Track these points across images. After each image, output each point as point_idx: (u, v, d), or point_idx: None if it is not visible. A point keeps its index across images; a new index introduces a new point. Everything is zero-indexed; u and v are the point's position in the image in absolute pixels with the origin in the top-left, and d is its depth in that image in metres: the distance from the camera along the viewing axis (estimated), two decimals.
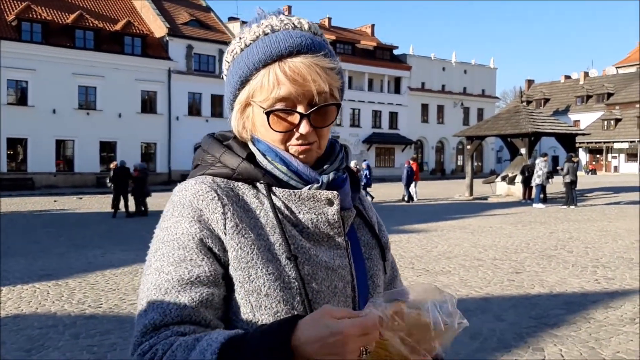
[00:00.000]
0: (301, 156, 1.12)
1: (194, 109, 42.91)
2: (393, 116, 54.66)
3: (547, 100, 71.90)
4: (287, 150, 1.12)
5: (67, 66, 36.82)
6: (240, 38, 1.15)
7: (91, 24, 38.76)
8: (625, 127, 59.00)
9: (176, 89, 41.42)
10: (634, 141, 57.32)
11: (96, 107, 38.59)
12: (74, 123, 37.21)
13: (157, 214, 1.16)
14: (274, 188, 1.11)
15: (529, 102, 62.34)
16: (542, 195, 20.76)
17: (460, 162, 58.78)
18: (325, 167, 1.16)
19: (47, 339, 5.62)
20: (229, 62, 1.16)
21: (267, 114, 1.09)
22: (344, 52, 51.94)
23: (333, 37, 51.58)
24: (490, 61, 63.07)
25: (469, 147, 27.42)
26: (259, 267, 1.03)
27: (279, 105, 1.08)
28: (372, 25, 61.33)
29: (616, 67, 73.59)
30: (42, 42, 36.38)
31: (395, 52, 56.70)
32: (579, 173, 22.06)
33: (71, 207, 22.95)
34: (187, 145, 41.94)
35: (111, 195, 19.56)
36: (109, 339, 5.60)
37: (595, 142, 58.73)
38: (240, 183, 1.12)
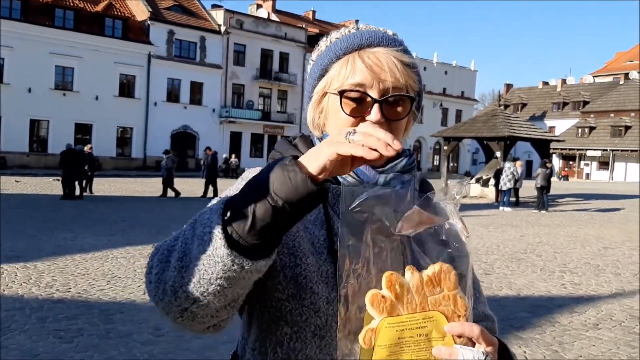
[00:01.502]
0: None
1: (172, 95, 42.53)
2: None
3: (524, 105, 72.82)
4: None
5: (45, 45, 36.18)
6: (327, 37, 1.18)
7: (72, 4, 38.15)
8: (598, 136, 60.13)
9: (155, 74, 40.99)
10: (606, 150, 58.44)
11: (73, 88, 38.02)
12: (49, 103, 36.60)
13: (100, 199, 1.15)
14: (328, 184, 1.09)
15: (506, 106, 63.03)
16: (512, 199, 21.07)
17: (436, 162, 59.27)
18: (387, 167, 1.13)
19: (13, 321, 5.55)
20: (313, 60, 1.20)
21: (341, 93, 1.09)
22: None
23: (316, 31, 51.43)
24: (471, 63, 63.63)
25: (445, 147, 27.68)
26: (299, 256, 1.04)
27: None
28: (356, 21, 60.89)
29: (593, 76, 74.84)
30: (21, 19, 35.70)
31: None
32: (552, 179, 22.40)
33: (24, 189, 22.56)
34: (164, 131, 41.62)
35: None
36: (76, 323, 5.55)
37: (569, 149, 59.74)
38: None
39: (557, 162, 62.03)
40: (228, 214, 0.87)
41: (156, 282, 0.92)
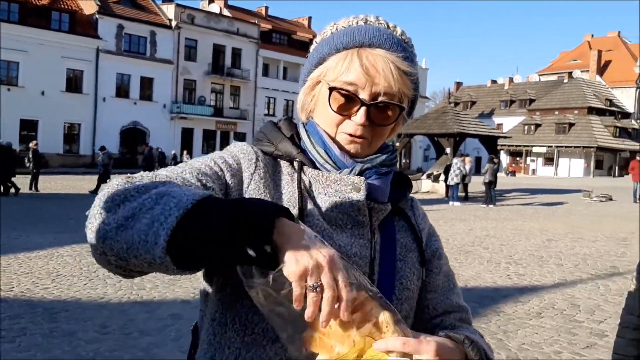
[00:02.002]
0: (348, 147, 1.13)
1: (122, 91, 41.60)
2: None
3: (473, 103, 74.44)
4: (335, 136, 1.13)
5: None
6: (334, 23, 1.18)
7: None
8: (544, 133, 62.02)
9: (104, 69, 39.98)
10: (551, 146, 60.34)
11: (18, 83, 36.69)
12: None
13: (32, 196, 1.13)
14: (305, 167, 1.14)
15: (456, 104, 64.29)
16: (462, 194, 21.51)
17: None
18: (367, 158, 1.15)
19: None
20: (316, 43, 1.19)
21: (331, 89, 1.11)
22: (280, 42, 51.77)
23: (269, 27, 51.27)
24: (422, 62, 64.55)
25: (398, 144, 28.01)
26: None
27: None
28: (309, 18, 61.33)
29: (539, 75, 77.12)
30: None
31: None
32: (499, 174, 22.96)
33: None
34: (113, 127, 40.68)
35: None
36: (18, 323, 5.39)
37: (516, 146, 61.37)
38: (282, 161, 1.16)
39: (504, 158, 63.70)
40: (188, 218, 0.83)
41: (94, 216, 0.91)
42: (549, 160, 62.32)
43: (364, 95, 1.08)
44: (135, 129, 42.40)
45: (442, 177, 23.67)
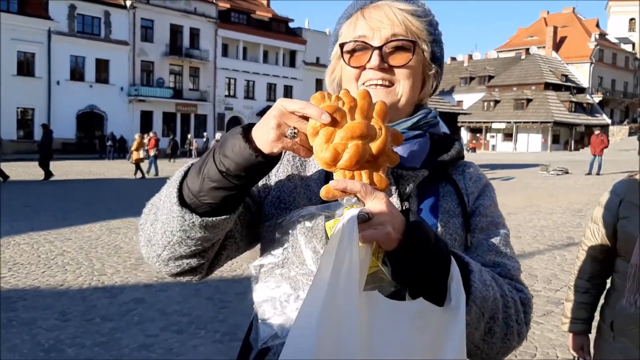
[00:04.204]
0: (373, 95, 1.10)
1: (76, 73, 40.46)
2: (288, 89, 54.66)
3: None
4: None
5: None
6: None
7: None
8: (503, 109, 63.05)
9: (57, 51, 38.76)
10: (510, 122, 61.43)
11: None
12: None
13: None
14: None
15: None
16: None
17: None
18: (394, 123, 1.13)
19: None
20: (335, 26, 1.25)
21: (342, 45, 1.14)
22: (239, 21, 51.01)
23: (227, 6, 50.42)
24: None
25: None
26: (292, 209, 1.08)
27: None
28: None
29: (497, 52, 78.12)
30: None
31: (291, 25, 56.49)
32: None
33: None
34: (68, 111, 39.64)
35: None
36: None
37: (476, 122, 62.26)
38: None
39: (465, 135, 64.64)
40: (187, 174, 1.00)
41: (141, 232, 1.09)
42: (508, 135, 63.46)
43: (374, 42, 1.11)
44: (92, 112, 41.36)
45: None
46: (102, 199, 14.39)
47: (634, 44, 76.16)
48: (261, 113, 51.99)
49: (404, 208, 1.12)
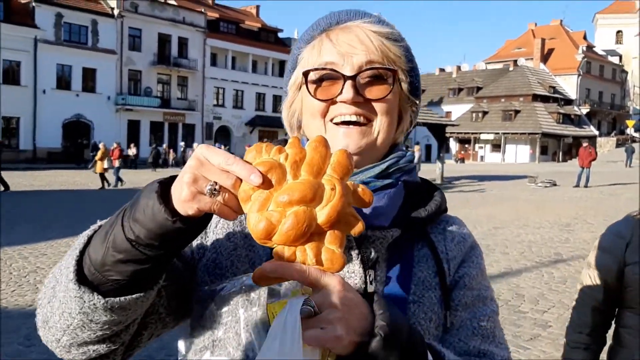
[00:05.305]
0: (345, 141, 0.91)
1: (63, 82, 40.10)
2: (277, 99, 54.46)
3: (423, 91, 74.51)
4: (325, 132, 0.93)
5: None
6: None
7: None
8: (491, 120, 63.30)
9: (43, 59, 38.39)
10: (498, 133, 61.65)
11: None
12: None
13: None
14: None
15: None
16: None
17: None
18: (359, 170, 0.93)
19: None
20: (291, 51, 1.05)
21: (305, 73, 0.92)
22: (228, 31, 50.93)
23: (216, 15, 50.36)
24: None
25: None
26: (231, 276, 0.89)
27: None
28: (257, 6, 60.60)
29: (485, 63, 78.59)
30: None
31: (280, 35, 56.52)
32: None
33: None
34: (54, 120, 39.27)
35: None
36: None
37: (465, 133, 62.43)
38: None
39: (454, 146, 64.80)
40: (91, 239, 0.80)
41: (38, 309, 0.89)
42: (496, 146, 63.66)
43: (345, 70, 0.91)
44: (78, 122, 40.98)
45: None
46: (83, 211, 14.08)
47: (621, 56, 76.94)
48: (250, 123, 51.89)
49: (368, 279, 0.91)
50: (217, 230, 0.98)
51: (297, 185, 0.69)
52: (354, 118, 0.92)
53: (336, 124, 0.93)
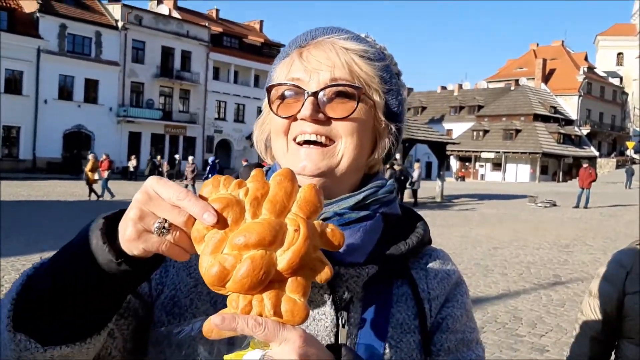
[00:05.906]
0: (304, 162, 0.85)
1: (65, 93, 40.18)
2: None
3: (424, 109, 75.42)
4: (287, 151, 0.87)
5: None
6: None
7: None
8: (492, 139, 63.37)
9: (46, 70, 38.49)
10: (499, 152, 61.69)
11: None
12: None
13: None
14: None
15: (407, 109, 64.85)
16: (411, 199, 21.58)
17: None
18: (333, 200, 0.86)
19: None
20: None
21: (268, 88, 0.88)
22: (231, 45, 51.15)
23: (220, 30, 50.63)
24: None
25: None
26: (188, 319, 0.81)
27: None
28: (261, 22, 60.94)
29: (487, 82, 78.87)
30: None
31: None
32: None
33: None
34: (55, 131, 39.29)
35: None
36: None
37: (465, 151, 62.44)
38: None
39: (454, 163, 64.79)
40: (28, 280, 0.73)
41: None
42: (496, 165, 63.65)
43: (309, 87, 0.85)
44: (79, 132, 41.00)
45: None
46: (78, 223, 13.92)
47: (621, 78, 77.25)
48: (250, 137, 51.67)
49: (340, 322, 0.83)
50: (177, 264, 0.89)
51: (255, 226, 0.62)
52: (313, 137, 0.85)
53: (298, 143, 0.86)
